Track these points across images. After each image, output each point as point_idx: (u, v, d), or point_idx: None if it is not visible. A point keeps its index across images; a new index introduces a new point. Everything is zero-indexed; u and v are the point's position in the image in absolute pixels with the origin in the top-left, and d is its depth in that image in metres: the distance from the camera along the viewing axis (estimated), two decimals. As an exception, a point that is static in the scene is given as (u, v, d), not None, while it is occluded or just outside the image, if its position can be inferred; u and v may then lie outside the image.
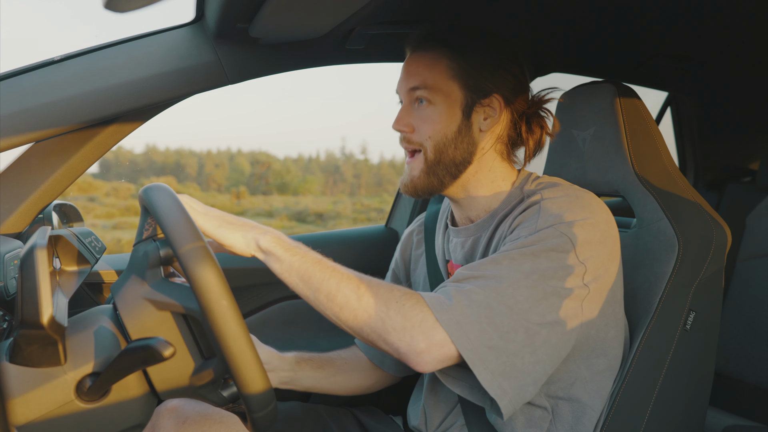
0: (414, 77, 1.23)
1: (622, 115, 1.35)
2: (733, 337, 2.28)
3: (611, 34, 1.75)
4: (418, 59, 1.25)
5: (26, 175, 1.23)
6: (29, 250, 0.81)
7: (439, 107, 1.22)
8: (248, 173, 24.44)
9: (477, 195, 1.28)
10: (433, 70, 1.22)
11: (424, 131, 1.23)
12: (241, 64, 1.34)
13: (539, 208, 1.13)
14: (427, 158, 1.23)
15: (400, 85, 1.27)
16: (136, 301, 0.96)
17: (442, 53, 1.23)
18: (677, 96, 2.69)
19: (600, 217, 1.13)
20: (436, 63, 1.23)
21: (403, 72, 1.27)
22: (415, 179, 1.26)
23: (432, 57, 1.23)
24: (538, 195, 1.17)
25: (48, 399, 0.89)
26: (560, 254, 1.07)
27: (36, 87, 1.13)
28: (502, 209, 1.25)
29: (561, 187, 1.19)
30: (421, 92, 1.22)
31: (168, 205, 0.91)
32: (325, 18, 1.23)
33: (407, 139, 1.25)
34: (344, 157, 24.41)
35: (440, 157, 1.23)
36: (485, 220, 1.27)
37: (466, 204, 1.30)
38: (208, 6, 1.21)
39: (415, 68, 1.24)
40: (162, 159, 2.76)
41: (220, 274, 0.85)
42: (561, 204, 1.13)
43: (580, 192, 1.18)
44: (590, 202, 1.15)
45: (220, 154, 24.96)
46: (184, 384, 0.99)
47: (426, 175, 1.24)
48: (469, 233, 1.30)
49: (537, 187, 1.22)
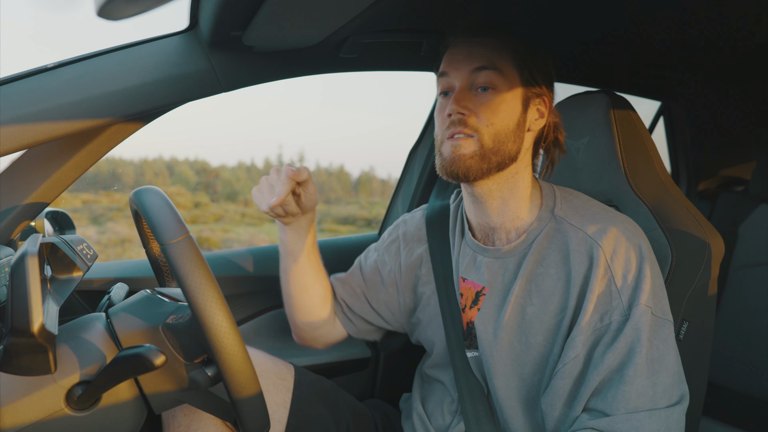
0: (480, 57, 1.17)
1: (615, 125, 1.35)
2: (726, 346, 2.29)
3: (605, 44, 1.76)
4: (483, 42, 1.19)
5: (18, 182, 1.22)
6: (20, 257, 0.81)
7: (505, 95, 1.16)
8: (194, 182, 24.46)
9: (508, 199, 1.23)
10: (502, 54, 1.18)
11: (485, 117, 1.15)
12: (234, 71, 1.34)
13: (610, 274, 1.12)
14: (483, 143, 1.15)
15: (459, 65, 1.19)
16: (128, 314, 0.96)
17: (509, 41, 1.19)
18: (670, 105, 2.70)
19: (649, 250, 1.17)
20: (504, 49, 1.18)
21: (462, 54, 1.19)
22: (467, 158, 1.15)
23: (499, 43, 1.18)
24: (592, 240, 1.15)
25: (38, 407, 0.89)
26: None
27: (29, 94, 1.13)
28: (534, 233, 1.22)
29: (602, 216, 1.19)
30: (488, 74, 1.16)
31: (154, 203, 0.91)
32: (318, 27, 1.23)
33: (463, 122, 1.15)
34: (281, 164, 24.78)
35: (498, 147, 1.16)
36: (517, 246, 1.23)
37: (490, 207, 1.24)
38: (201, 14, 1.21)
39: (480, 50, 1.17)
40: (94, 168, 2.67)
41: (206, 267, 0.86)
42: (621, 256, 1.13)
43: (622, 220, 1.19)
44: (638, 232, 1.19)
45: (156, 162, 24.94)
46: (174, 389, 0.99)
47: (480, 159, 1.15)
48: (499, 255, 1.25)
49: (573, 217, 1.20)
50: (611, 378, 1.07)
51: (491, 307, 1.24)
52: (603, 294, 1.11)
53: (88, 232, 17.42)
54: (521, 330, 1.19)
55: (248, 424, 0.92)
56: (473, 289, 1.28)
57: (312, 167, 21.56)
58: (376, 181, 42.96)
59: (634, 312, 1.08)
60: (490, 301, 1.25)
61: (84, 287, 1.55)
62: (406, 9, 1.34)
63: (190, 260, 0.85)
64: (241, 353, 0.87)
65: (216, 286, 0.86)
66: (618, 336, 1.08)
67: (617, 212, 1.22)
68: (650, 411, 1.04)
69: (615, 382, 1.07)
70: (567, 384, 1.11)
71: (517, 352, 1.19)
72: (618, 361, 1.07)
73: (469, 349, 1.29)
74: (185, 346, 0.98)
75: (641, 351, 1.06)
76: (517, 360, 1.19)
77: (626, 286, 1.10)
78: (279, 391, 1.36)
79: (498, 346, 1.21)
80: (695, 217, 1.32)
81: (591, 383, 1.08)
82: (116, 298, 1.22)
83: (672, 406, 1.06)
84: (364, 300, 1.48)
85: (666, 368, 1.07)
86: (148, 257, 1.26)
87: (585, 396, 1.09)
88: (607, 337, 1.09)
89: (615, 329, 1.09)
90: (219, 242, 19.71)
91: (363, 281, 1.50)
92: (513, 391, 1.21)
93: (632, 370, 1.05)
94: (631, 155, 1.36)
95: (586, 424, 1.07)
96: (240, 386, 0.87)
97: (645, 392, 1.05)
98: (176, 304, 1.03)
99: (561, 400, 1.12)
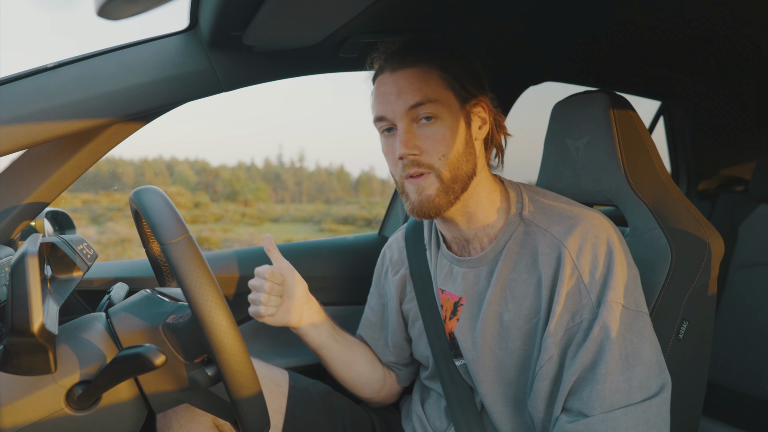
0: (412, 94, 1.14)
1: (615, 125, 1.35)
2: (725, 346, 2.29)
3: (605, 44, 1.76)
4: (407, 75, 1.15)
5: (18, 182, 1.22)
6: (20, 257, 0.81)
7: (447, 122, 1.15)
8: (194, 182, 24.52)
9: (474, 212, 1.23)
10: (429, 82, 1.14)
11: (436, 151, 1.14)
12: (234, 71, 1.34)
13: (575, 267, 1.11)
14: (442, 178, 1.15)
15: (394, 106, 1.15)
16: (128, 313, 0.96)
17: (430, 65, 1.15)
18: (670, 105, 2.70)
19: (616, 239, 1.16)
20: (428, 75, 1.15)
21: (391, 92, 1.16)
22: (433, 198, 1.16)
23: (422, 70, 1.15)
24: (558, 241, 1.14)
25: (38, 407, 0.89)
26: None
27: (29, 94, 1.13)
28: (504, 239, 1.22)
29: (567, 214, 1.18)
30: (425, 108, 1.13)
31: (154, 203, 0.91)
32: (318, 27, 1.23)
33: (416, 163, 1.14)
34: (280, 164, 24.63)
35: (456, 174, 1.16)
36: (488, 253, 1.23)
37: (460, 223, 1.25)
38: (202, 14, 1.21)
39: (408, 84, 1.14)
40: (93, 168, 2.66)
41: (206, 267, 0.86)
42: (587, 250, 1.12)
43: (584, 215, 1.18)
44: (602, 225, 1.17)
45: (156, 162, 24.98)
46: (174, 389, 0.99)
47: (445, 194, 1.16)
48: (472, 264, 1.25)
49: (540, 219, 1.20)
50: (585, 377, 1.07)
51: (468, 316, 1.25)
52: (572, 293, 1.10)
53: (88, 232, 17.43)
54: (501, 337, 1.19)
55: (248, 424, 0.92)
56: (451, 300, 1.29)
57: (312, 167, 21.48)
58: (376, 181, 42.97)
59: (602, 309, 1.07)
60: (468, 310, 1.26)
61: (84, 287, 1.55)
62: (406, 9, 1.34)
63: (190, 260, 0.85)
64: (241, 353, 0.87)
65: (216, 286, 0.86)
66: (588, 334, 1.08)
67: (585, 209, 1.21)
68: (626, 408, 1.04)
69: (589, 380, 1.06)
70: (547, 386, 1.12)
71: (499, 359, 1.20)
72: (590, 360, 1.07)
73: (456, 358, 1.31)
74: (185, 345, 0.98)
75: (612, 348, 1.05)
76: (500, 366, 1.20)
77: (594, 282, 1.10)
78: (274, 396, 1.37)
79: (480, 353, 1.21)
80: (695, 217, 1.32)
81: (566, 383, 1.08)
82: (116, 298, 1.22)
83: (650, 398, 1.06)
84: (392, 342, 1.51)
85: (641, 361, 1.06)
86: (148, 257, 1.26)
87: (562, 397, 1.09)
88: (578, 336, 1.09)
89: (585, 328, 1.09)
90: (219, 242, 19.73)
91: (380, 328, 1.54)
92: (500, 395, 1.21)
93: (604, 368, 1.05)
94: (631, 155, 1.36)
95: (564, 428, 1.07)
96: (240, 386, 0.87)
97: (620, 388, 1.04)
98: (176, 303, 1.03)
99: (543, 402, 1.12)
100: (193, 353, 0.99)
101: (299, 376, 1.47)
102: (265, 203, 22.33)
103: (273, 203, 24.04)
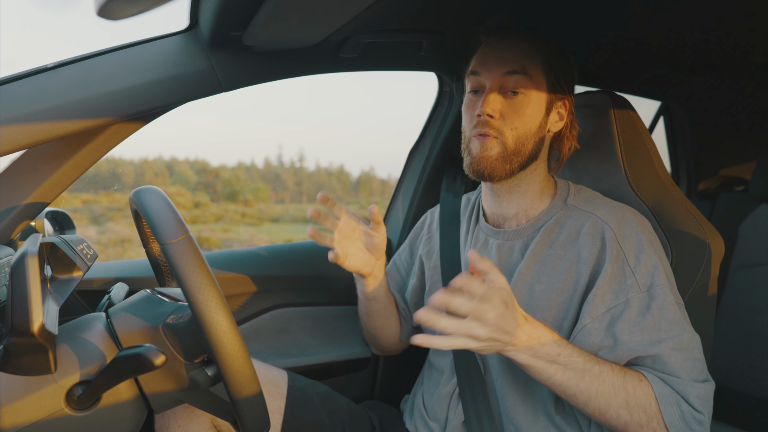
0: (512, 61, 1.21)
1: (616, 125, 1.35)
2: (726, 346, 2.28)
3: (605, 44, 1.75)
4: (515, 45, 1.23)
5: (18, 182, 1.22)
6: (20, 257, 0.80)
7: (532, 100, 1.22)
8: (194, 182, 24.53)
9: (525, 193, 1.29)
10: (532, 59, 1.22)
11: (511, 121, 1.21)
12: (235, 71, 1.34)
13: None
14: (506, 146, 1.21)
15: (491, 67, 1.23)
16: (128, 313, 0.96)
17: (539, 45, 1.23)
18: (670, 105, 2.70)
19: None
20: (534, 53, 1.23)
21: (495, 56, 1.24)
22: (491, 160, 1.22)
23: (530, 47, 1.23)
24: (603, 222, 1.19)
25: (38, 407, 0.89)
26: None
27: (29, 94, 1.13)
28: (544, 219, 1.27)
29: (613, 204, 1.24)
30: (518, 79, 1.21)
31: (154, 203, 0.91)
32: (318, 27, 1.23)
33: (490, 125, 1.21)
34: (280, 164, 24.66)
35: (520, 149, 1.22)
36: (526, 227, 1.28)
37: (508, 200, 1.30)
38: (202, 14, 1.21)
39: (512, 54, 1.22)
40: (93, 168, 2.67)
41: (206, 267, 0.86)
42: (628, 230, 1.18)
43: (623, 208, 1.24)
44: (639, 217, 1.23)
45: (156, 162, 25.00)
46: (174, 389, 0.99)
47: (502, 162, 1.22)
48: (508, 237, 1.30)
49: (585, 205, 1.25)
50: (645, 357, 1.10)
51: None
52: (615, 273, 1.14)
53: (88, 232, 17.40)
54: (529, 308, 1.21)
55: (248, 424, 0.92)
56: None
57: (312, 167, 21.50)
58: (376, 181, 42.92)
59: (656, 291, 1.11)
60: None
61: (84, 287, 1.55)
62: (406, 9, 1.34)
63: (190, 260, 0.85)
64: (241, 353, 0.87)
65: (216, 286, 0.86)
66: (645, 314, 1.11)
67: (629, 206, 1.25)
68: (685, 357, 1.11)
69: (649, 360, 1.10)
70: None
71: None
72: (648, 338, 1.10)
73: None
74: (185, 346, 0.98)
75: (671, 326, 1.10)
76: None
77: (639, 266, 1.13)
78: (273, 397, 1.38)
79: None
80: (695, 217, 1.32)
81: (620, 360, 1.11)
82: (116, 298, 1.22)
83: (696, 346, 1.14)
84: (409, 298, 1.59)
85: (696, 346, 1.14)
86: (148, 257, 1.26)
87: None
88: (627, 313, 1.11)
89: (638, 307, 1.11)
90: (219, 242, 19.71)
91: (402, 281, 1.62)
92: (514, 371, 1.23)
93: (671, 343, 1.09)
94: (632, 155, 1.36)
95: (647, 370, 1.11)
96: (240, 386, 0.88)
97: (684, 366, 1.11)
98: (176, 303, 1.03)
99: None
100: (193, 353, 0.99)
101: (298, 376, 1.48)
102: (265, 203, 22.35)
103: (273, 203, 24.08)
